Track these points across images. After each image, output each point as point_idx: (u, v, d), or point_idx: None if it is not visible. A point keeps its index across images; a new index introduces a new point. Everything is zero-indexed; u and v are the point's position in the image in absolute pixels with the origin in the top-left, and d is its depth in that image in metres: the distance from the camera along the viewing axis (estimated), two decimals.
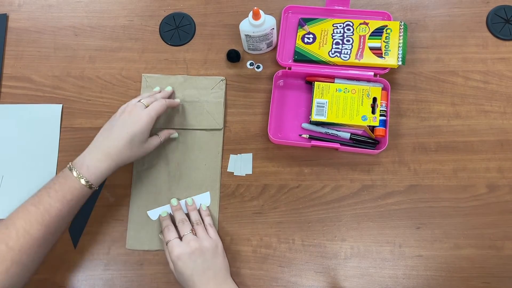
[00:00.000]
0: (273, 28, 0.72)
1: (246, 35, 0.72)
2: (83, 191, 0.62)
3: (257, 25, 0.70)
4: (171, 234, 0.66)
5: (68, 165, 0.63)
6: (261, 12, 0.69)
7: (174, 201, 0.71)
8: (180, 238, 0.66)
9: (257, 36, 0.72)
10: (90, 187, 0.62)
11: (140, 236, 0.71)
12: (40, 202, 0.60)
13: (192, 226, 0.68)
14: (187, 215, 0.70)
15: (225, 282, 0.64)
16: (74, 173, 0.61)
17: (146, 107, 0.66)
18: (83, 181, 0.61)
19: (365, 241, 0.71)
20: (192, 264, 0.63)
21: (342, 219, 0.72)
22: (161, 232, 0.69)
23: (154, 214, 0.72)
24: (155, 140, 0.69)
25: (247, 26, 0.71)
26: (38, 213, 0.59)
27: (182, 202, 0.72)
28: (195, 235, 0.66)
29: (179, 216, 0.69)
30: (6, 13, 0.82)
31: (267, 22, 0.70)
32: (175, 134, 0.74)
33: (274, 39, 0.76)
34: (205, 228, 0.68)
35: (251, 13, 0.69)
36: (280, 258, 0.71)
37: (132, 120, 0.64)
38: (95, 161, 0.62)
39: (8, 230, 0.57)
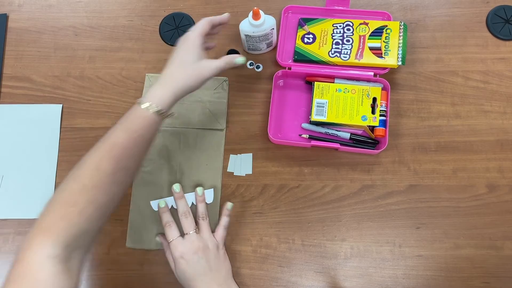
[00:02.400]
0: (273, 28, 0.72)
1: (246, 35, 0.72)
2: (145, 118, 0.58)
3: (257, 25, 0.70)
4: (173, 233, 0.65)
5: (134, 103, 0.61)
6: (261, 12, 0.69)
7: (176, 187, 0.69)
8: (182, 234, 0.65)
9: (257, 36, 0.72)
10: (155, 110, 0.58)
11: (140, 235, 0.71)
12: (108, 137, 0.57)
13: (197, 220, 0.67)
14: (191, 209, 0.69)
15: (227, 283, 0.64)
16: (138, 103, 0.59)
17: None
18: (143, 106, 0.58)
19: (365, 241, 0.71)
20: (195, 264, 0.63)
21: (342, 219, 0.72)
22: (158, 235, 0.69)
23: (156, 204, 0.71)
24: (213, 62, 0.64)
25: (247, 26, 0.71)
26: (107, 146, 0.56)
27: (191, 194, 0.71)
28: (198, 230, 0.66)
29: (182, 208, 0.67)
30: (6, 13, 0.82)
31: (267, 22, 0.70)
32: (239, 59, 0.66)
33: (274, 39, 0.76)
34: (217, 229, 0.67)
35: (251, 13, 0.69)
36: (280, 258, 0.71)
37: (179, 43, 0.63)
38: (154, 90, 0.60)
39: (81, 169, 0.55)
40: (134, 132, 0.57)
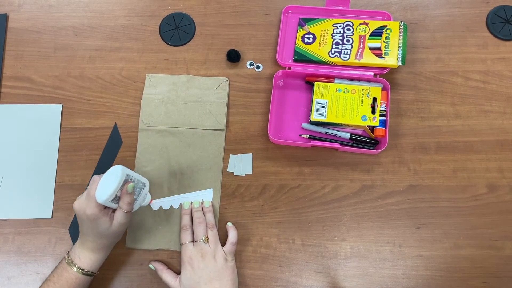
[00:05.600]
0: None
1: None
2: (78, 279, 0.63)
3: None
4: (187, 237, 0.67)
5: (66, 255, 0.65)
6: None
7: (196, 203, 0.71)
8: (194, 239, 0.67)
9: None
10: (87, 274, 0.63)
11: (140, 235, 0.71)
12: None
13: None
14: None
15: None
16: (69, 263, 0.63)
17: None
18: (76, 269, 0.63)
19: (365, 241, 0.71)
20: (201, 271, 0.63)
21: (342, 219, 0.72)
22: (151, 262, 0.70)
23: (155, 205, 0.71)
24: (118, 218, 0.61)
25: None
26: None
27: (192, 194, 0.72)
28: (207, 240, 0.66)
29: (198, 215, 0.69)
30: (6, 13, 0.82)
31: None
32: (130, 186, 0.60)
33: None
34: (226, 243, 0.68)
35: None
36: (280, 258, 0.71)
37: (81, 216, 0.61)
38: (85, 251, 0.64)
39: None
40: None
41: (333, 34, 0.76)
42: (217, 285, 0.63)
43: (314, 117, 0.72)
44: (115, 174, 0.59)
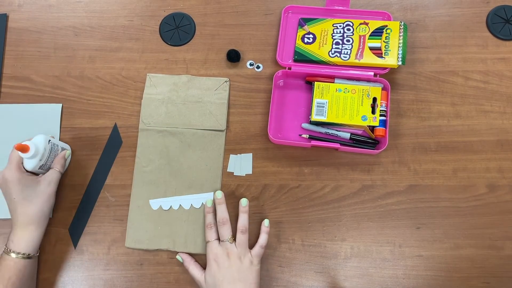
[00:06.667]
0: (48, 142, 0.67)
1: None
2: (17, 264, 0.63)
3: (31, 157, 0.65)
4: (212, 235, 0.67)
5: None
6: (28, 143, 0.64)
7: (218, 194, 0.69)
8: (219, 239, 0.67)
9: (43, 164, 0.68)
10: (24, 257, 0.63)
11: (139, 235, 0.71)
12: None
13: (236, 231, 0.67)
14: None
15: None
16: (6, 251, 0.63)
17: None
18: (13, 255, 0.63)
19: (365, 241, 0.71)
20: (225, 269, 0.63)
21: (342, 219, 0.72)
22: (179, 253, 0.70)
23: (155, 204, 0.72)
24: (51, 175, 0.67)
25: (28, 164, 0.66)
26: None
27: (194, 196, 0.72)
28: (235, 242, 0.66)
29: (221, 214, 0.68)
30: (6, 13, 0.82)
31: (39, 145, 0.66)
32: (67, 152, 0.71)
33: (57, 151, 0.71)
34: (255, 246, 0.67)
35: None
36: (280, 258, 0.71)
37: (3, 188, 0.65)
38: (17, 232, 0.64)
39: None
40: (8, 279, 0.62)
41: (333, 34, 0.76)
42: (241, 286, 0.62)
43: (314, 117, 0.72)
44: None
